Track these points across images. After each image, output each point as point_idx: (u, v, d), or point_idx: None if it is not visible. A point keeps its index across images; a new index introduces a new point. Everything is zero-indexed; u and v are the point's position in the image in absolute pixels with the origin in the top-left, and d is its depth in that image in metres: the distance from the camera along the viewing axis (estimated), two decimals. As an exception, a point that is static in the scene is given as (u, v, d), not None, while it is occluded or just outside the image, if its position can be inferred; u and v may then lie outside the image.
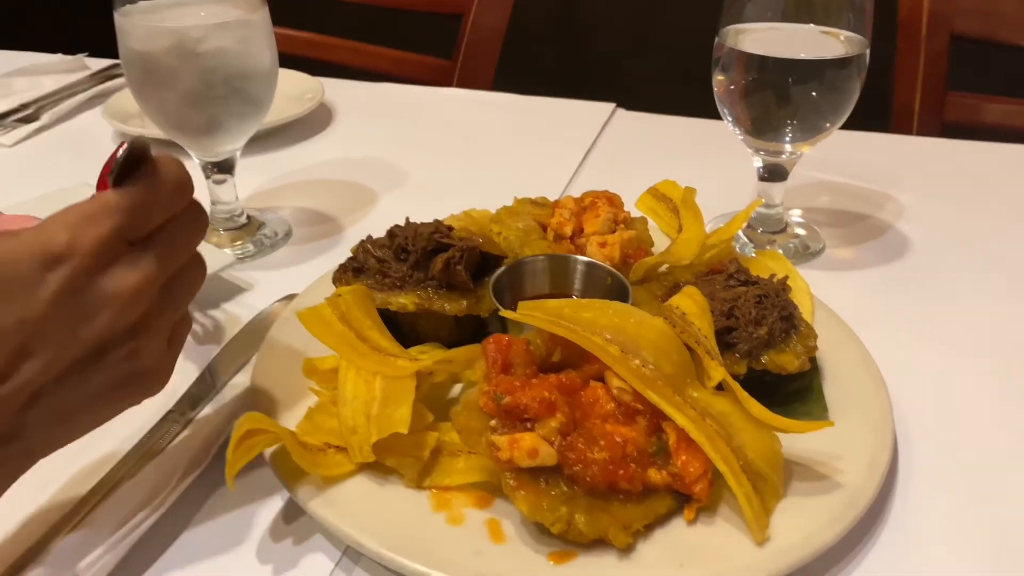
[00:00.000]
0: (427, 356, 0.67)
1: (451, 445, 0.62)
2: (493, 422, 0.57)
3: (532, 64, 2.68)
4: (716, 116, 0.94)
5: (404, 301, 0.71)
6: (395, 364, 0.64)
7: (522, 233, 0.81)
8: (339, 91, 1.43)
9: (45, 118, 1.32)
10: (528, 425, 0.57)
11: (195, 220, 0.54)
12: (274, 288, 0.88)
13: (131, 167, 0.49)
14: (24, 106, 1.35)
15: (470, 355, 0.65)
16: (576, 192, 0.91)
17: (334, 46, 1.85)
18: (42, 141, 1.28)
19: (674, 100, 1.56)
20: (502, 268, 0.74)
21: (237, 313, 0.84)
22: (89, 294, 0.48)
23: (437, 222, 0.76)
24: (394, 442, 0.59)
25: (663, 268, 0.78)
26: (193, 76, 0.83)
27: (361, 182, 1.14)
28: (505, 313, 0.64)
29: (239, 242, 0.96)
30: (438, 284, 0.72)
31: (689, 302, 0.64)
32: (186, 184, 0.53)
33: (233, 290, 0.89)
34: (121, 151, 0.48)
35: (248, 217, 0.99)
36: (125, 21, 0.84)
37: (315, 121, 1.33)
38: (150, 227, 0.51)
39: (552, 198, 0.90)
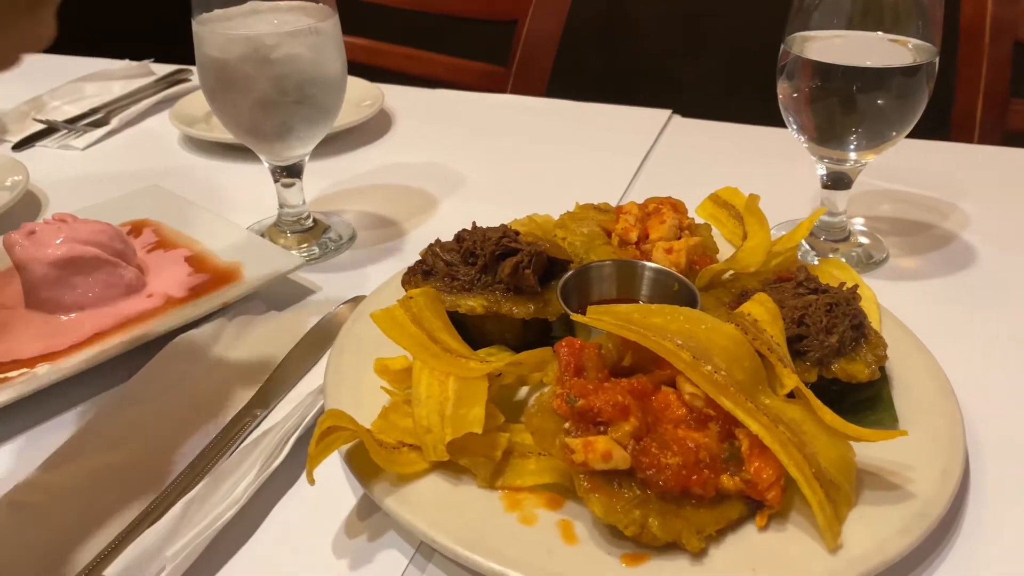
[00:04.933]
0: (497, 358, 0.68)
1: (522, 446, 0.63)
2: (567, 425, 0.58)
3: (583, 68, 2.68)
4: (769, 119, 0.94)
5: (473, 304, 0.72)
6: (467, 365, 0.65)
7: (587, 238, 0.82)
8: (397, 97, 1.45)
9: (115, 122, 1.36)
10: (601, 428, 0.57)
11: None
12: (340, 290, 0.90)
13: None
14: (94, 110, 1.40)
15: (540, 358, 0.66)
16: (634, 198, 0.91)
17: (390, 52, 1.88)
18: (112, 144, 1.32)
19: (725, 103, 1.56)
20: (569, 272, 0.75)
21: (306, 314, 0.85)
22: None
23: (504, 227, 0.77)
24: (467, 442, 0.60)
25: (728, 275, 0.78)
26: (266, 82, 0.85)
27: (421, 187, 1.16)
28: (576, 317, 0.65)
29: (305, 244, 0.98)
30: (506, 287, 0.73)
31: (760, 309, 0.64)
32: None
33: (301, 292, 0.91)
34: None
35: (314, 220, 1.01)
36: (202, 29, 0.87)
37: (375, 127, 1.35)
38: None
39: (611, 204, 0.91)
